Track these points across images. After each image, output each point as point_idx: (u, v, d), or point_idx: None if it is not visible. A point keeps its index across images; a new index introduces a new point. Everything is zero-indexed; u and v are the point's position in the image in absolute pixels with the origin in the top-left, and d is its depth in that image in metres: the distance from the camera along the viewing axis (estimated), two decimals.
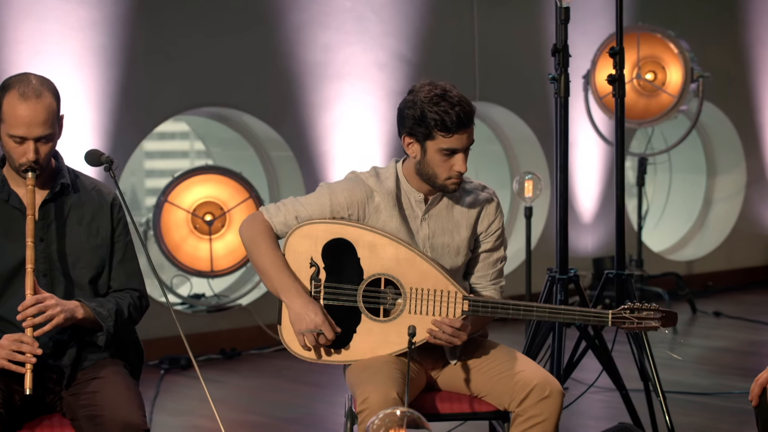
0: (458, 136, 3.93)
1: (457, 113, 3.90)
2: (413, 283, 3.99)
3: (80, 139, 7.11)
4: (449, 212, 4.12)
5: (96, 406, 3.74)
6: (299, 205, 4.07)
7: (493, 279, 4.22)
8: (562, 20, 5.03)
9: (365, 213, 4.06)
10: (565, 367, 5.21)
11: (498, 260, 4.23)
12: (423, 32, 8.66)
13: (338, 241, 4.01)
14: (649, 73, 8.78)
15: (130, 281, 4.01)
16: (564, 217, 5.14)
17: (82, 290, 3.89)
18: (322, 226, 4.03)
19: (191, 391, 6.90)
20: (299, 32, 8.03)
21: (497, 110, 9.23)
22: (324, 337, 3.95)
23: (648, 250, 9.95)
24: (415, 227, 4.08)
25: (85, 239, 3.92)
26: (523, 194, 6.72)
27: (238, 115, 8.08)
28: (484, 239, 4.18)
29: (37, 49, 7.00)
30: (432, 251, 4.07)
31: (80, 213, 3.94)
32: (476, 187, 4.20)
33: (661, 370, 7.19)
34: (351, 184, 4.08)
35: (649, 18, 9.42)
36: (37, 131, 3.75)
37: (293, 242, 4.03)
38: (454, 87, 3.99)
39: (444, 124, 3.91)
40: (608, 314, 4.04)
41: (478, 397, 4.10)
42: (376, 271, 4.00)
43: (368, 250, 4.00)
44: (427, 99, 3.92)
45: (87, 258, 3.92)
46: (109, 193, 4.03)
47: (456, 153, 3.98)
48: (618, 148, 5.32)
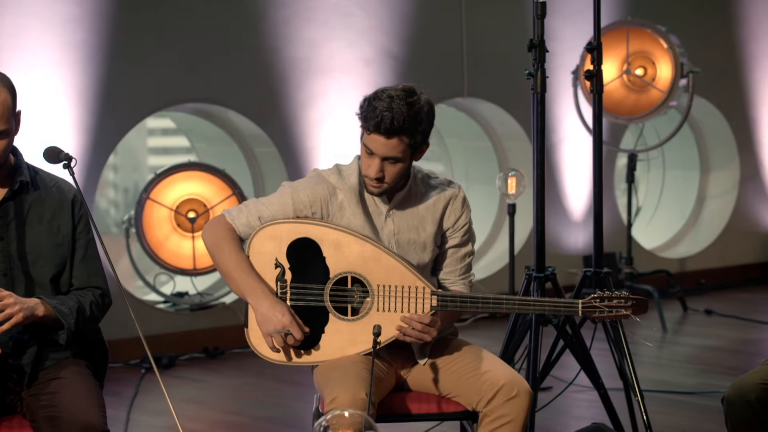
0: (375, 136, 3.86)
1: (382, 115, 3.80)
2: (380, 280, 3.92)
3: (59, 135, 7.05)
4: (414, 208, 4.06)
5: (55, 407, 3.69)
6: (261, 206, 4.01)
7: (461, 274, 4.16)
8: (539, 15, 4.95)
9: (329, 211, 4.00)
10: (543, 367, 5.15)
11: (466, 255, 4.16)
12: (410, 27, 8.59)
13: (303, 240, 3.95)
14: (639, 68, 8.70)
15: (92, 279, 3.94)
16: (541, 214, 5.07)
17: (43, 289, 3.84)
18: (286, 226, 3.96)
19: (171, 390, 6.83)
20: (284, 27, 7.96)
21: (486, 106, 9.16)
22: (292, 338, 3.88)
23: (639, 248, 9.88)
24: (379, 224, 4.02)
25: (45, 237, 3.87)
26: (506, 191, 6.64)
27: (222, 112, 8.01)
28: (451, 235, 4.11)
29: (14, 44, 6.93)
30: (398, 248, 4.01)
31: (40, 211, 3.88)
32: (441, 183, 4.13)
33: (647, 369, 7.22)
34: (313, 182, 4.02)
35: (640, 13, 9.34)
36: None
37: (257, 243, 3.97)
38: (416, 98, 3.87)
39: (366, 117, 3.85)
40: (578, 303, 4.00)
41: (447, 397, 4.04)
42: (342, 269, 3.94)
43: (333, 249, 3.94)
44: (376, 92, 3.88)
45: (48, 256, 3.86)
46: (69, 190, 3.97)
47: (372, 154, 3.89)
48: (596, 144, 5.25)
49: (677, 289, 9.18)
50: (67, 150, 6.69)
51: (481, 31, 8.90)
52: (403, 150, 3.87)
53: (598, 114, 5.22)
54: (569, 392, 6.16)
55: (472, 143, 9.55)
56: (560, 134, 9.27)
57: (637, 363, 7.29)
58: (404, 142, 3.86)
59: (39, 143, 6.92)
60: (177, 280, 7.96)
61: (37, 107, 6.96)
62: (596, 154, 5.27)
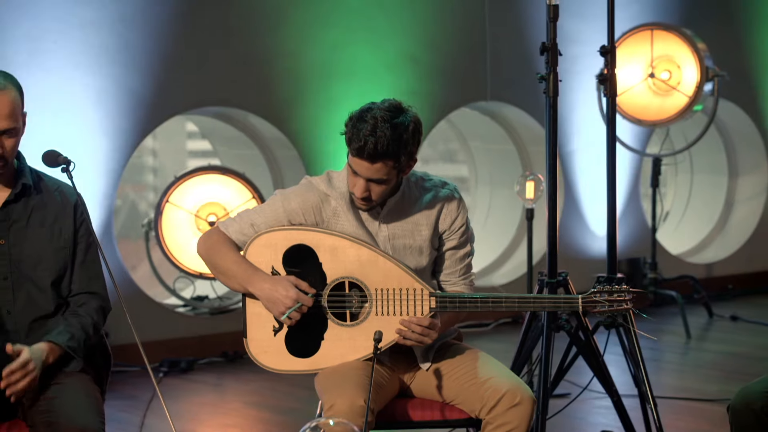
0: (360, 161, 3.82)
1: (365, 140, 3.76)
2: (378, 284, 3.89)
3: (77, 138, 7.06)
4: (408, 212, 4.02)
5: (53, 412, 3.68)
6: (254, 214, 4.01)
7: (462, 275, 4.12)
8: (551, 18, 4.89)
9: (322, 217, 3.97)
10: (556, 373, 5.10)
11: (465, 255, 4.11)
12: (432, 31, 8.54)
13: (298, 247, 3.93)
14: (665, 72, 8.62)
15: (91, 284, 3.94)
16: (553, 218, 5.00)
17: (43, 293, 3.85)
18: (281, 233, 3.94)
19: (188, 394, 6.83)
20: (305, 31, 7.95)
21: (510, 110, 9.10)
22: (306, 306, 3.87)
23: (666, 253, 9.80)
24: (373, 230, 3.99)
25: (47, 241, 3.87)
26: (524, 195, 6.57)
27: (243, 115, 7.99)
28: (448, 237, 4.07)
29: (34, 47, 6.94)
30: (394, 253, 3.98)
31: (43, 214, 3.89)
32: (436, 185, 4.08)
33: (670, 375, 7.16)
34: (303, 190, 4.01)
35: (665, 16, 9.26)
36: (3, 124, 3.71)
37: (253, 252, 3.95)
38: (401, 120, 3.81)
39: (350, 140, 3.82)
40: (578, 299, 3.96)
41: (451, 404, 4.00)
42: (340, 274, 3.92)
43: (330, 254, 3.91)
44: (361, 112, 3.82)
45: (49, 260, 3.86)
46: (71, 194, 3.97)
47: (357, 175, 3.85)
48: (609, 148, 5.20)
49: (702, 294, 9.08)
50: (86, 153, 6.78)
51: (505, 34, 8.85)
52: (388, 172, 3.83)
53: (611, 117, 5.15)
54: (587, 399, 6.12)
55: (496, 147, 9.49)
56: (584, 139, 9.19)
57: (660, 369, 7.31)
58: (388, 165, 3.81)
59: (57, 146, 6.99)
60: (197, 284, 7.95)
61: (55, 110, 6.97)
62: (610, 158, 5.22)
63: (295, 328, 3.93)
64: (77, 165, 6.76)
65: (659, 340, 8.04)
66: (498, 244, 9.47)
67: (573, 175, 9.21)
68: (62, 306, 3.89)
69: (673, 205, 10.82)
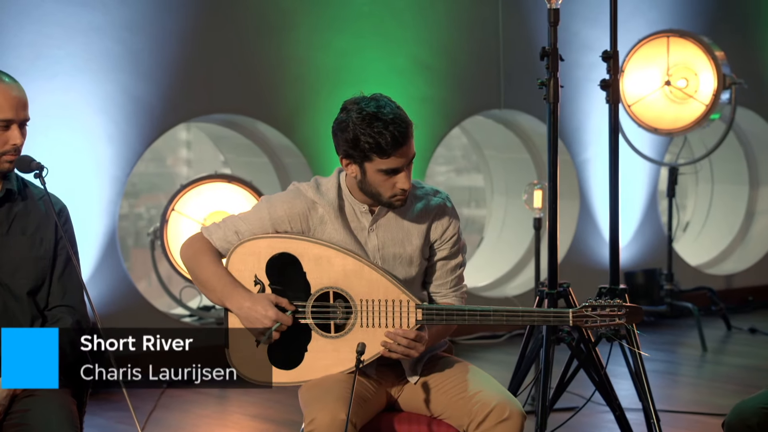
0: (395, 157, 3.73)
1: (392, 133, 3.70)
2: (363, 295, 3.79)
3: (81, 145, 6.99)
4: (398, 221, 3.91)
5: (26, 425, 3.60)
6: (239, 221, 3.90)
7: (452, 286, 4.00)
8: (551, 22, 4.76)
9: (309, 225, 3.87)
10: (557, 387, 4.97)
11: (456, 266, 4.00)
12: (445, 37, 8.43)
13: (282, 255, 3.82)
14: (682, 80, 8.47)
15: (67, 298, 3.85)
16: (553, 228, 4.87)
17: (19, 302, 3.78)
18: (265, 241, 3.83)
19: (191, 406, 6.73)
20: (314, 37, 7.85)
21: (524, 118, 8.97)
22: (283, 326, 3.78)
23: (684, 264, 9.66)
24: (363, 239, 3.88)
25: (27, 249, 3.81)
26: (531, 204, 6.45)
27: (251, 123, 7.90)
28: (440, 247, 3.96)
29: (37, 53, 6.88)
30: (383, 262, 3.88)
31: (25, 222, 3.82)
32: (428, 193, 3.97)
33: (684, 389, 7.04)
34: (290, 197, 3.90)
35: (682, 23, 9.12)
36: (23, 114, 3.75)
37: (235, 260, 3.85)
38: (388, 101, 3.80)
39: (379, 146, 3.71)
40: (569, 313, 3.84)
41: (438, 418, 3.89)
42: (324, 284, 3.81)
43: (314, 263, 3.81)
44: (359, 119, 3.73)
45: (28, 269, 3.79)
46: (57, 203, 3.90)
47: (397, 172, 3.77)
48: (612, 156, 5.07)
49: (720, 306, 8.93)
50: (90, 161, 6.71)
51: (519, 40, 8.73)
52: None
53: (614, 125, 5.03)
54: (592, 412, 6.00)
55: (511, 155, 9.37)
56: (599, 148, 9.06)
57: (675, 383, 7.18)
58: (413, 133, 3.79)
59: (61, 152, 6.95)
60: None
61: (59, 117, 6.91)
62: (612, 165, 5.09)
63: (278, 339, 3.82)
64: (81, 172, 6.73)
65: (675, 353, 7.91)
66: (513, 255, 9.35)
67: (587, 184, 9.08)
68: (37, 319, 3.80)
69: (694, 215, 10.68)
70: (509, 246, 9.38)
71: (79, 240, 6.96)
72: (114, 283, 7.21)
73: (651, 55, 8.46)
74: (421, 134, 8.27)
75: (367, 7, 8.06)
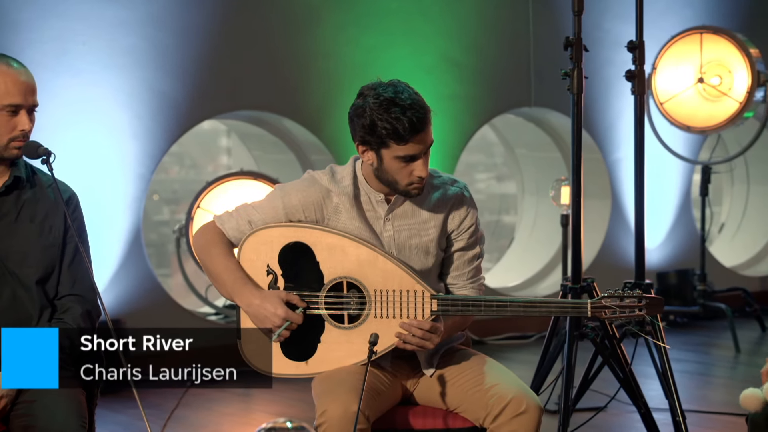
0: (413, 143, 3.66)
1: (410, 119, 3.62)
2: (377, 285, 3.71)
3: (106, 140, 6.96)
4: (415, 211, 3.82)
5: (31, 415, 3.56)
6: (252, 210, 3.84)
7: (470, 278, 3.91)
8: (575, 11, 4.67)
9: (323, 214, 3.79)
10: (581, 384, 4.86)
11: (474, 257, 3.92)
12: (474, 33, 8.35)
13: (295, 245, 3.75)
14: (715, 77, 8.34)
15: (76, 286, 3.79)
16: (577, 222, 4.76)
17: (28, 291, 3.72)
18: (277, 230, 3.76)
19: (214, 404, 6.68)
20: (341, 33, 7.80)
21: (555, 115, 8.87)
22: (293, 324, 3.71)
23: (719, 265, 9.52)
24: (378, 228, 3.80)
25: (35, 237, 3.75)
26: (559, 201, 6.35)
27: (277, 119, 7.85)
28: (457, 237, 3.87)
29: (62, 48, 6.85)
30: (399, 253, 3.79)
31: (33, 210, 3.77)
32: (445, 182, 3.89)
33: (717, 390, 6.92)
34: (305, 185, 3.83)
35: (720, 19, 9.00)
36: (31, 99, 3.69)
37: (247, 249, 3.78)
38: (406, 87, 3.71)
39: (396, 132, 3.63)
40: (587, 304, 3.76)
41: (454, 412, 3.81)
42: (338, 274, 3.74)
43: (327, 253, 3.73)
44: (376, 105, 3.64)
45: (36, 257, 3.74)
46: (66, 191, 3.84)
47: (415, 159, 3.69)
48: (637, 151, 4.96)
49: (755, 307, 8.80)
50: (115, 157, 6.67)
51: (549, 36, 8.63)
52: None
53: (639, 117, 4.93)
54: (619, 411, 5.89)
55: (543, 154, 9.27)
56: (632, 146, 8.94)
57: (707, 384, 7.08)
58: (431, 119, 3.72)
59: (86, 149, 6.92)
60: None
61: (84, 112, 6.88)
62: (638, 160, 5.00)
63: (291, 330, 3.74)
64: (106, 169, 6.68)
65: (708, 354, 7.80)
66: (544, 254, 9.25)
67: (620, 184, 8.97)
68: (46, 308, 3.75)
69: (729, 216, 10.54)
70: (540, 245, 9.28)
71: (103, 237, 6.96)
72: (139, 280, 7.16)
73: (684, 52, 8.34)
74: (449, 132, 8.19)
75: (395, 3, 7.99)
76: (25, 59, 6.62)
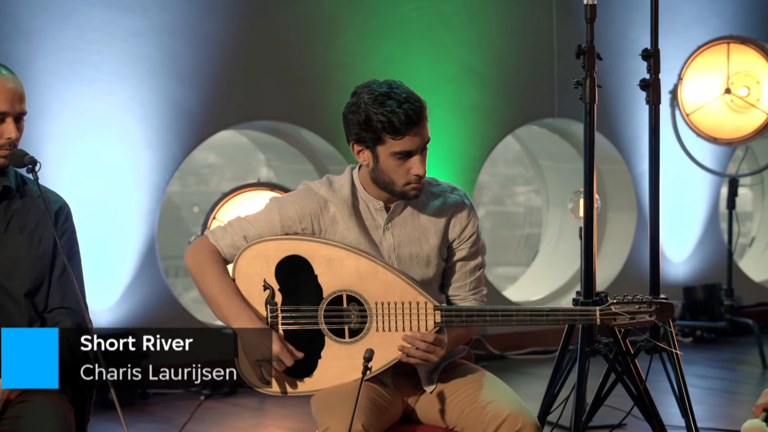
0: (409, 137, 3.58)
1: (405, 111, 3.56)
2: (378, 297, 3.61)
3: (121, 151, 6.89)
4: (415, 219, 3.74)
5: None
6: (247, 224, 3.73)
7: (472, 289, 3.83)
8: (588, 18, 4.55)
9: (320, 225, 3.70)
10: (593, 402, 4.73)
11: (476, 268, 3.83)
12: (497, 43, 8.23)
13: (292, 258, 3.65)
14: (743, 88, 8.19)
15: (66, 300, 3.71)
16: (589, 234, 4.65)
17: (17, 304, 3.64)
18: (273, 243, 3.66)
19: (228, 418, 6.60)
20: (359, 43, 7.71)
21: (579, 127, 8.74)
22: (282, 363, 3.59)
23: (748, 280, 9.36)
24: (377, 238, 3.70)
25: (25, 248, 3.68)
26: (577, 213, 6.22)
27: (295, 130, 7.76)
28: (458, 246, 3.78)
29: (76, 58, 6.79)
30: (399, 263, 3.70)
31: (23, 221, 3.70)
32: (445, 190, 3.81)
33: (741, 408, 6.75)
34: (302, 196, 3.74)
35: (749, 30, 8.86)
36: (19, 107, 3.63)
37: (243, 264, 3.67)
38: (400, 84, 3.65)
39: (392, 125, 3.57)
40: (596, 311, 3.66)
41: (453, 430, 3.71)
42: (337, 287, 3.64)
43: (326, 266, 3.63)
44: (371, 100, 3.59)
45: (25, 269, 3.66)
46: (56, 201, 3.76)
47: (411, 155, 3.60)
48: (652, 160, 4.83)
49: None
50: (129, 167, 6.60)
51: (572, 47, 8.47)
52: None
53: (654, 127, 4.81)
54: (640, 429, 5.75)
55: (567, 166, 9.14)
56: None
57: (734, 401, 6.94)
58: (426, 116, 3.65)
59: (100, 159, 6.85)
60: None
61: (97, 122, 6.82)
62: (653, 171, 4.87)
63: (291, 346, 3.63)
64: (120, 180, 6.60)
65: (734, 371, 7.65)
66: (569, 268, 9.11)
67: (645, 196, 8.82)
68: (35, 321, 3.67)
69: (759, 229, 10.37)
70: (564, 259, 9.14)
71: (117, 248, 6.87)
72: (152, 292, 7.09)
73: (710, 63, 8.19)
74: (470, 143, 8.08)
75: (415, 12, 7.89)
76: (39, 68, 6.65)
